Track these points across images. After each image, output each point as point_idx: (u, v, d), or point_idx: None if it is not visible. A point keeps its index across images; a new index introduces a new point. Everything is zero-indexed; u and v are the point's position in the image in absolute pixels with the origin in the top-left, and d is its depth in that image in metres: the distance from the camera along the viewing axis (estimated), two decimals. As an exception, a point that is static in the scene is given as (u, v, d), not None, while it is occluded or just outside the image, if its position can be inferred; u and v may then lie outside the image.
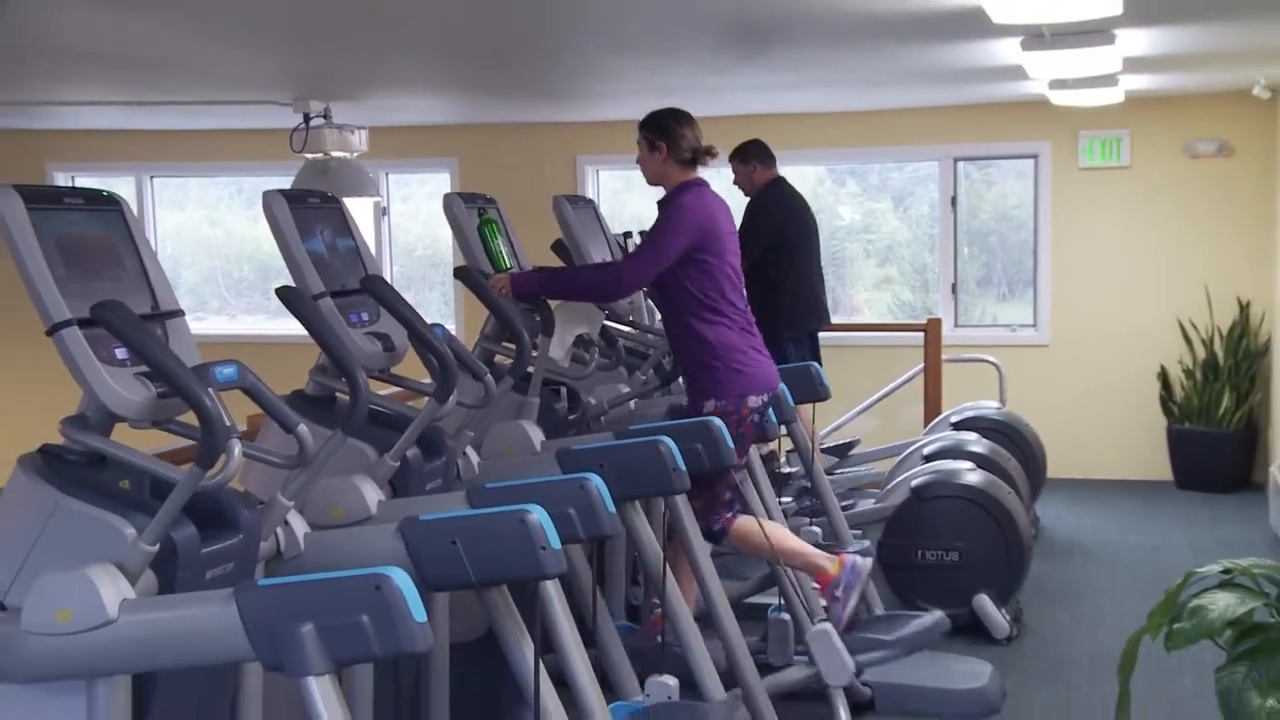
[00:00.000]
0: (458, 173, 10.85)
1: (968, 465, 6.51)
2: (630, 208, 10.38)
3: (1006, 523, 6.12)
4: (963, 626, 5.95)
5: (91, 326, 2.61)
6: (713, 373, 4.92)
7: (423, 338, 3.64)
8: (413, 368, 3.76)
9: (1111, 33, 5.90)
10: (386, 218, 11.14)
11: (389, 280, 3.77)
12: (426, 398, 3.65)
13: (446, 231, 5.23)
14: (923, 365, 8.59)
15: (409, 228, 11.54)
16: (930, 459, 6.83)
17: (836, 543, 5.56)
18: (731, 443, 4.42)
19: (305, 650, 2.37)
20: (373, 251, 3.92)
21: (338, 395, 3.59)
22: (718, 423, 4.38)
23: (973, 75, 7.80)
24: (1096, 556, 7.75)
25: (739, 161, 7.44)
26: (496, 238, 4.89)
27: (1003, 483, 6.38)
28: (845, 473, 7.66)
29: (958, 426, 7.66)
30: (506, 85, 8.49)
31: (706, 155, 4.99)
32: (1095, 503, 9.10)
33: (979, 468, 6.49)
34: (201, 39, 6.15)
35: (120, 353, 2.64)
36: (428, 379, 3.69)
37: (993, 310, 10.44)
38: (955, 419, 7.82)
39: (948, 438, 7.22)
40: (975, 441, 7.10)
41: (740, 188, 7.48)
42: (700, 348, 4.93)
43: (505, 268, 4.82)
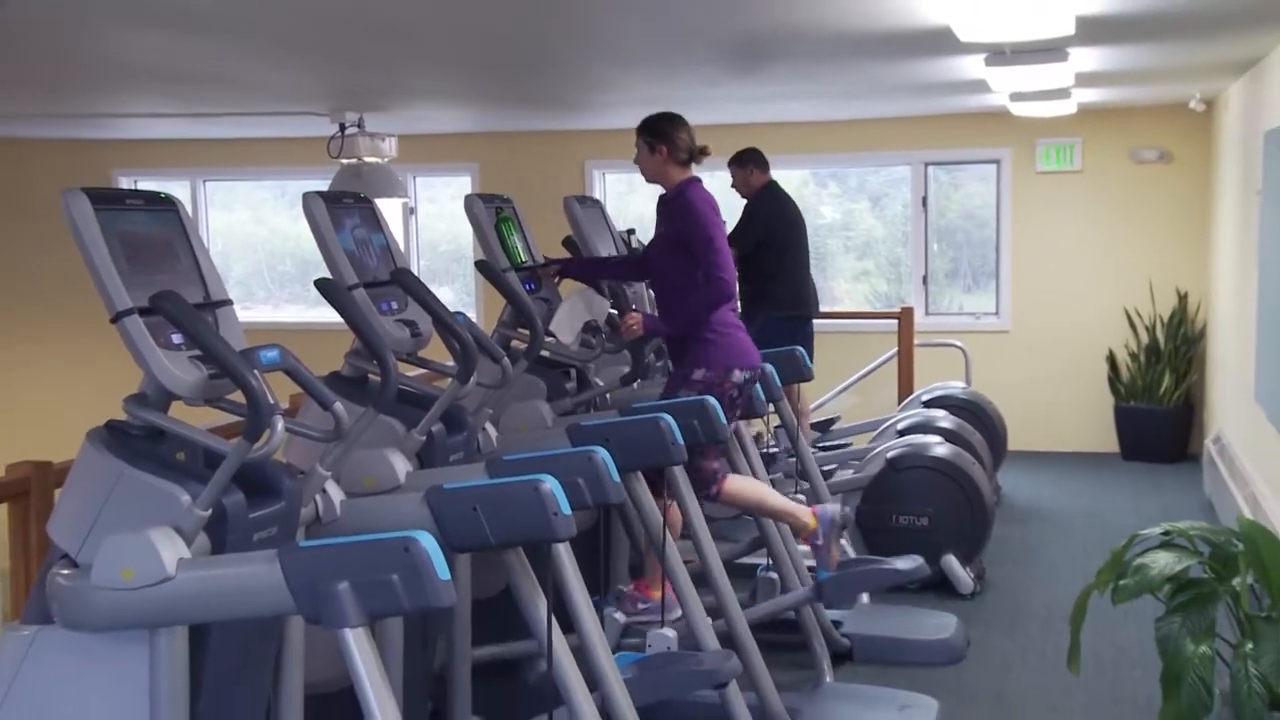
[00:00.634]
0: (478, 176, 10.83)
1: (937, 439, 6.52)
2: (633, 207, 10.35)
3: (971, 490, 6.13)
4: (932, 583, 5.97)
5: (150, 314, 2.61)
6: (701, 345, 4.87)
7: (446, 324, 3.64)
8: (437, 351, 3.77)
9: (1065, 51, 5.89)
10: (414, 217, 11.12)
11: (416, 273, 3.77)
12: (449, 378, 3.64)
13: (468, 229, 5.22)
14: (897, 349, 8.60)
15: (434, 225, 11.52)
16: (903, 433, 6.83)
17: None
18: (724, 418, 4.42)
19: (342, 605, 2.38)
20: (401, 247, 3.91)
21: (370, 376, 3.58)
22: (712, 401, 4.37)
23: (941, 88, 7.78)
24: (1051, 520, 7.76)
25: (737, 166, 7.41)
26: (513, 234, 4.88)
27: (968, 454, 6.38)
28: (827, 445, 7.66)
29: (928, 404, 7.65)
30: (522, 97, 8.47)
31: (701, 154, 4.99)
32: (1050, 472, 9.10)
33: (947, 441, 6.49)
34: (249, 58, 6.14)
35: (176, 338, 2.63)
36: (451, 362, 3.69)
37: (959, 300, 10.42)
38: (926, 398, 7.81)
39: (919, 414, 7.22)
40: (944, 418, 7.10)
41: (737, 190, 7.44)
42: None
43: (520, 261, 4.81)
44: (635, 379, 5.21)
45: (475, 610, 3.88)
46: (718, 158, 5.33)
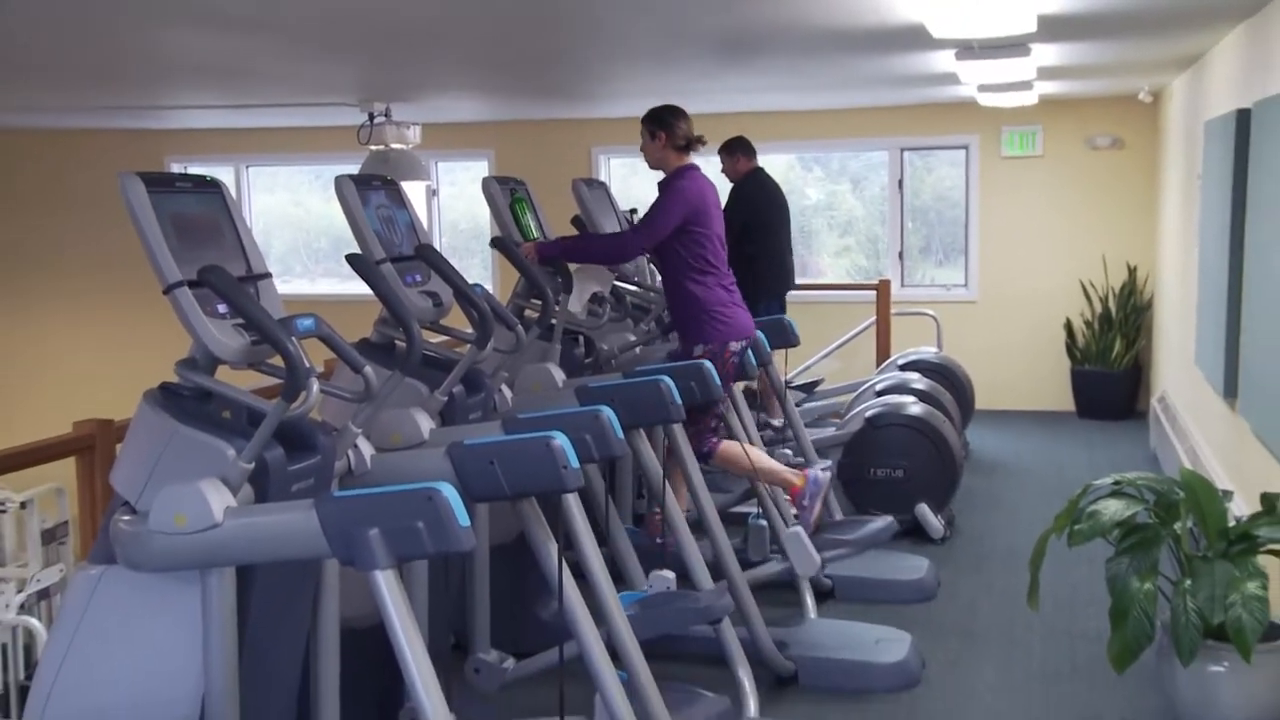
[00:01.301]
0: (494, 160, 10.79)
1: (911, 399, 6.52)
2: (636, 189, 10.31)
3: (942, 445, 6.14)
4: (906, 530, 5.98)
5: (198, 287, 2.61)
6: (701, 323, 4.92)
7: (466, 295, 3.64)
8: (458, 320, 3.76)
9: (1028, 46, 5.85)
10: (436, 198, 11.09)
11: (438, 249, 3.77)
12: (469, 345, 3.65)
13: (485, 209, 5.20)
14: (875, 318, 8.59)
15: (454, 206, 11.48)
16: (881, 394, 6.83)
17: (805, 461, 5.58)
18: (719, 381, 4.43)
19: (372, 549, 2.39)
20: (425, 225, 3.90)
21: (396, 343, 3.59)
22: (708, 365, 4.37)
23: (915, 80, 7.74)
24: (1014, 472, 7.77)
25: (726, 153, 7.38)
26: (526, 213, 4.88)
27: (939, 413, 6.38)
28: (811, 405, 7.67)
29: (903, 368, 7.65)
30: (534, 89, 8.43)
31: (697, 142, 4.98)
32: (1013, 429, 9.10)
33: (920, 401, 6.49)
34: (287, 56, 6.11)
35: (221, 308, 2.63)
36: (470, 329, 3.69)
37: (931, 273, 10.39)
38: (901, 362, 7.81)
39: (895, 377, 7.22)
40: (917, 380, 7.10)
41: (726, 175, 7.41)
42: (692, 303, 4.93)
43: (533, 238, 4.82)
44: (556, 300, 4.72)
45: (492, 555, 3.89)
46: (710, 145, 5.31)
